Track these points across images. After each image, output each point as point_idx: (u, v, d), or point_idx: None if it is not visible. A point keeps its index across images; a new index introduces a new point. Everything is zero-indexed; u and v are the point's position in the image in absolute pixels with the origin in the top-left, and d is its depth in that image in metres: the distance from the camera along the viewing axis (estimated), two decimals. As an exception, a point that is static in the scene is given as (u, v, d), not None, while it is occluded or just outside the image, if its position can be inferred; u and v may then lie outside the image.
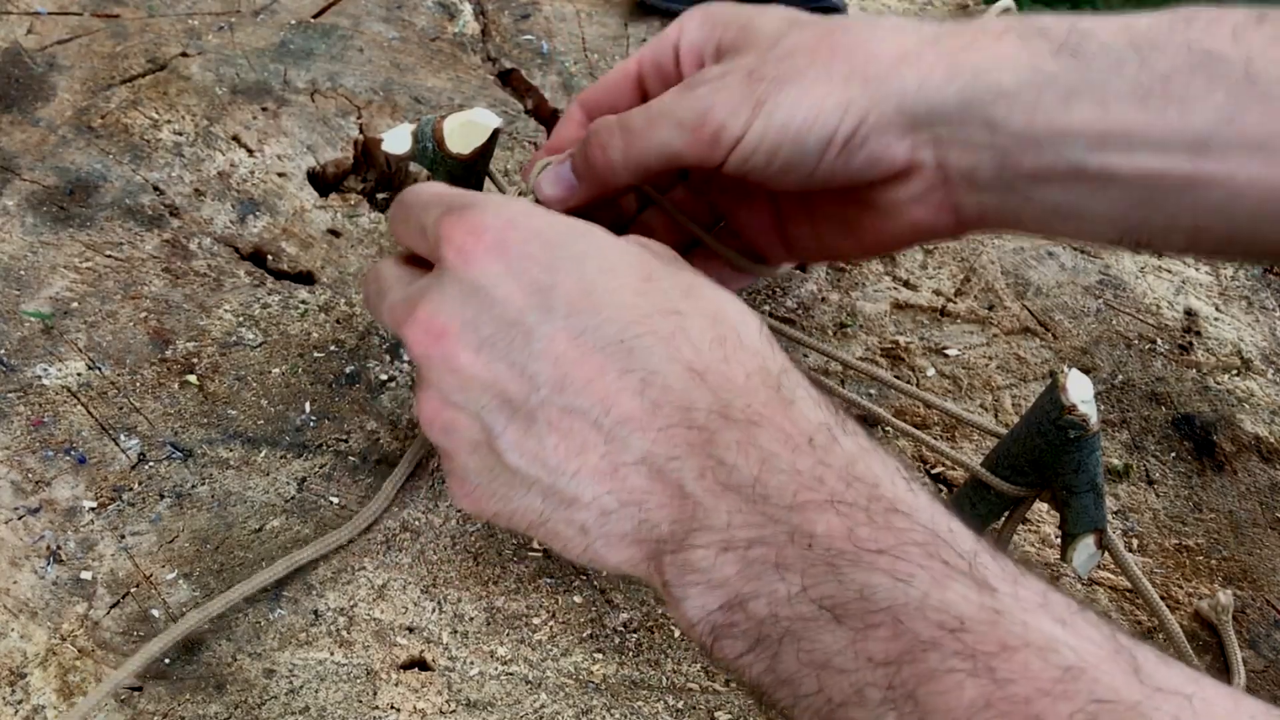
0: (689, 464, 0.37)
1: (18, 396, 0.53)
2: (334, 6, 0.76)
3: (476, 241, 0.40)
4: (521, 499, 0.41)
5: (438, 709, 0.46)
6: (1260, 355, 0.68)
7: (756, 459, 0.36)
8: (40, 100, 0.65)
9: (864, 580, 0.34)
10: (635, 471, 0.38)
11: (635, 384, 0.38)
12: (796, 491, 0.36)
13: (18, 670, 0.45)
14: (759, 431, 0.37)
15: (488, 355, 0.39)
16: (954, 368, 0.64)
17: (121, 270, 0.58)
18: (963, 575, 0.34)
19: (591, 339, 0.38)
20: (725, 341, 0.39)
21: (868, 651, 0.33)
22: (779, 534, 0.35)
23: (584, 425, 0.38)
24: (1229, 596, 0.55)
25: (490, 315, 0.39)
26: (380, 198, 0.67)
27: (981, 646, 0.32)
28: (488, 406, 0.40)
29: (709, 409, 0.37)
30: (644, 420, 0.38)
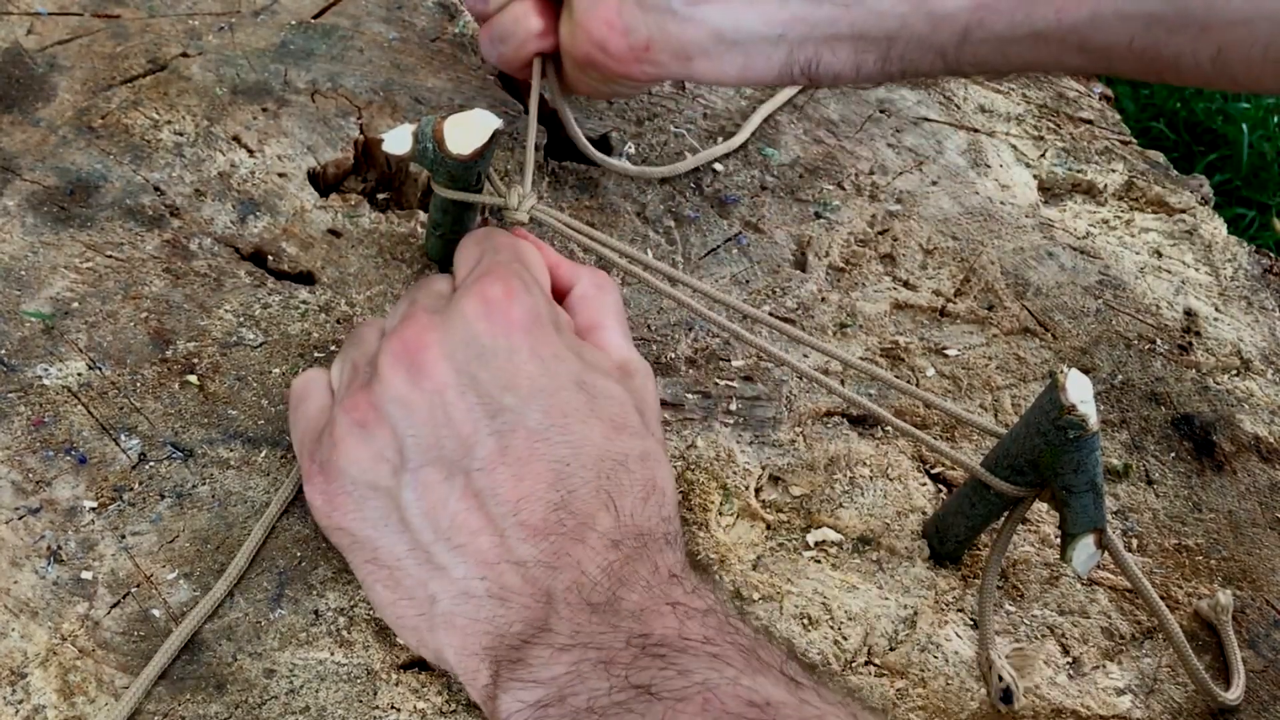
0: (562, 578, 0.40)
1: (18, 396, 0.53)
2: (334, 7, 0.76)
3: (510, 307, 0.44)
4: (386, 536, 0.42)
5: (438, 709, 0.46)
6: (1260, 355, 0.68)
7: (619, 579, 0.40)
8: (41, 100, 0.65)
9: (684, 663, 0.36)
10: (515, 572, 0.41)
11: (555, 499, 0.41)
12: (643, 602, 0.39)
13: (18, 670, 0.45)
14: (637, 560, 0.40)
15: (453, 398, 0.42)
16: (954, 368, 0.64)
17: (122, 270, 0.58)
18: (773, 670, 0.37)
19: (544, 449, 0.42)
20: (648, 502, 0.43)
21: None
22: (618, 638, 0.38)
23: (490, 514, 0.41)
24: (1228, 596, 0.55)
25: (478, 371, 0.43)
26: (380, 198, 0.67)
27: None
28: (418, 437, 0.42)
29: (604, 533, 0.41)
30: (543, 532, 0.41)
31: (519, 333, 0.43)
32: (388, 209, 0.66)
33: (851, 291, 0.66)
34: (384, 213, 0.65)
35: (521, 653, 0.39)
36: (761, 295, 0.65)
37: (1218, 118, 1.79)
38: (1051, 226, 0.73)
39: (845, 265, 0.68)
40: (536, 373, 0.43)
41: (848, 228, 0.70)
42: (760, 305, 0.64)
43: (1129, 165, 0.79)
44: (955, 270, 0.69)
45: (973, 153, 0.77)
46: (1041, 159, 0.79)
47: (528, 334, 0.43)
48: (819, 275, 0.67)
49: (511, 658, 0.39)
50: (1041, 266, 0.70)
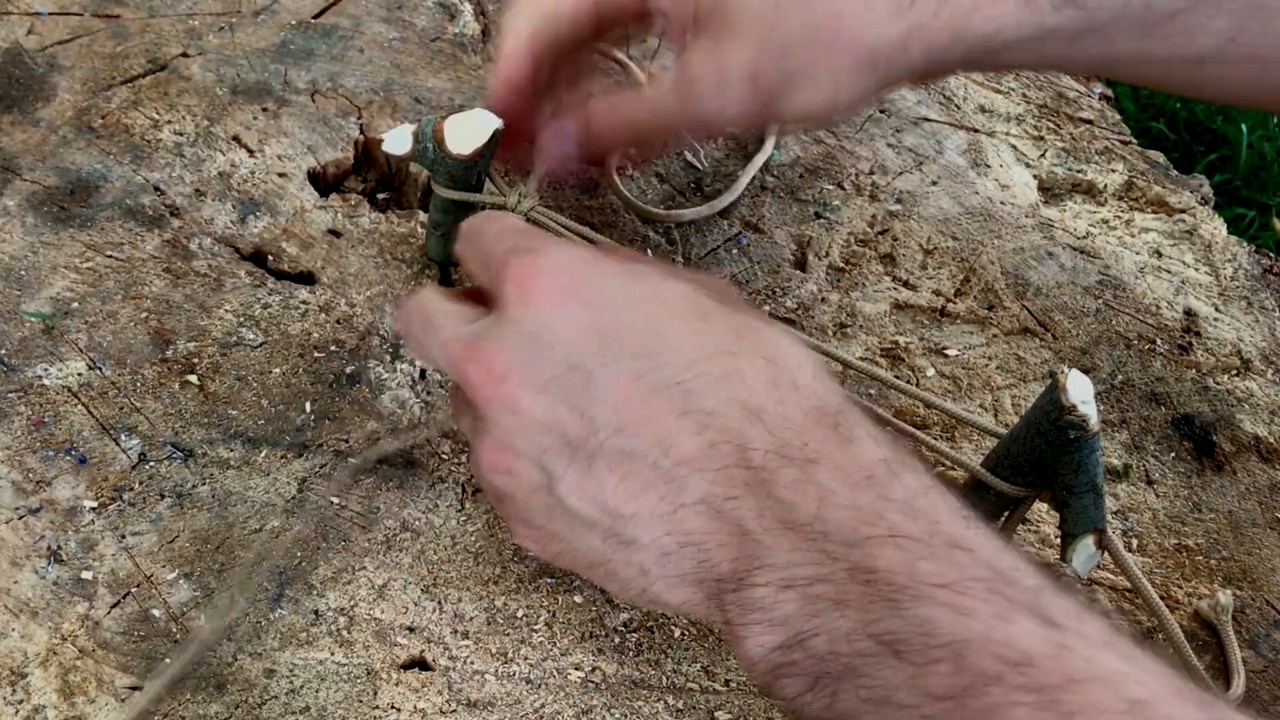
0: (747, 503, 0.37)
1: (18, 396, 0.53)
2: (334, 7, 0.76)
3: (538, 284, 0.40)
4: (583, 540, 0.40)
5: (438, 709, 0.46)
6: (1260, 355, 0.68)
7: (815, 496, 0.36)
8: (41, 100, 0.65)
9: (925, 615, 0.33)
10: (694, 512, 0.38)
11: (693, 425, 0.38)
12: (856, 527, 0.35)
13: (18, 670, 0.45)
14: (817, 469, 0.36)
15: (549, 398, 0.39)
16: (954, 368, 0.64)
17: (122, 270, 0.58)
18: (1026, 610, 0.33)
19: (650, 381, 0.38)
20: (780, 383, 0.39)
21: (928, 687, 0.33)
22: (839, 571, 0.35)
23: (643, 467, 0.38)
24: (1228, 596, 0.55)
25: (550, 358, 0.39)
26: (380, 198, 0.67)
27: (1047, 680, 0.32)
28: (549, 450, 0.40)
29: (766, 448, 0.37)
30: (702, 461, 0.38)
31: (555, 300, 0.40)
32: (388, 209, 0.66)
33: (851, 291, 0.66)
34: (384, 213, 0.65)
35: (744, 593, 0.37)
36: (761, 295, 0.65)
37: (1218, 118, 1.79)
38: (1051, 226, 0.73)
39: (845, 265, 0.68)
40: (592, 319, 0.40)
41: (848, 228, 0.70)
42: (760, 305, 0.64)
43: (1129, 165, 0.79)
44: (955, 270, 0.69)
45: (973, 153, 0.77)
46: (1041, 159, 0.79)
47: (563, 294, 0.40)
48: (819, 275, 0.67)
49: (738, 601, 0.37)
50: (1041, 266, 0.70)
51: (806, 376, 0.39)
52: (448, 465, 0.54)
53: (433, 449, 0.54)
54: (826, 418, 0.38)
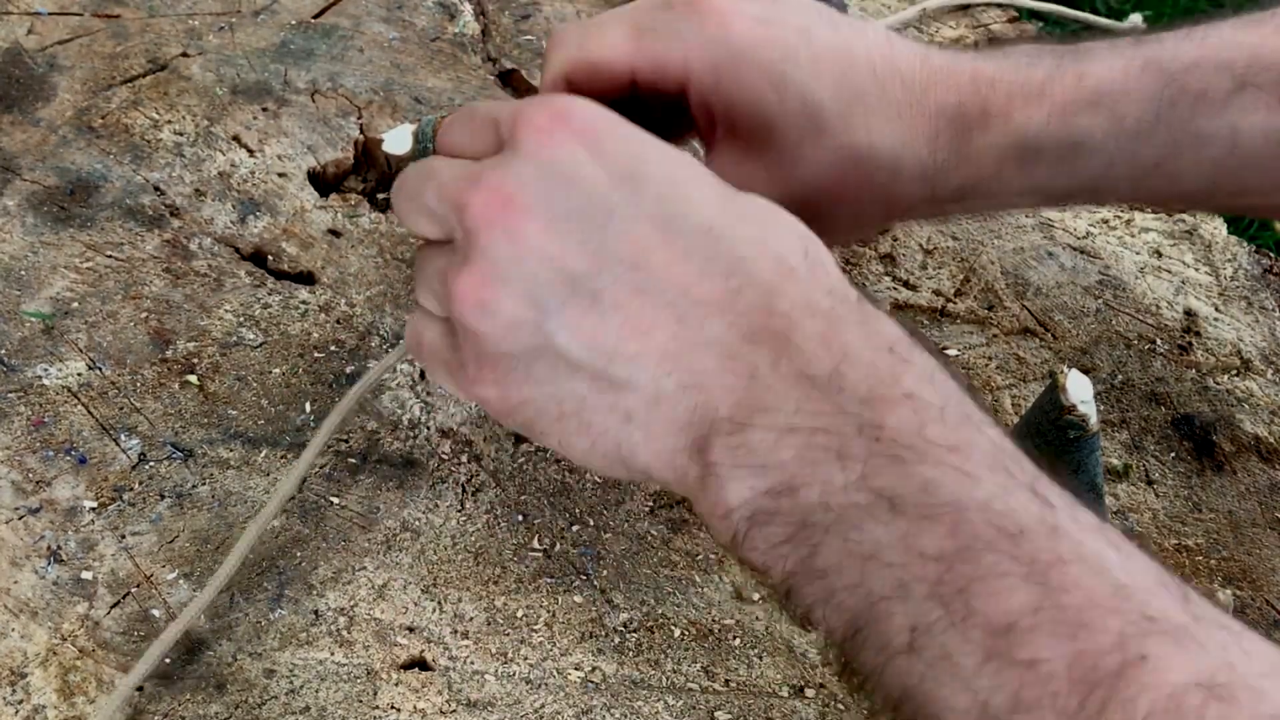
0: (764, 350, 0.37)
1: (18, 396, 0.53)
2: (334, 7, 0.76)
3: (563, 125, 0.38)
4: (560, 385, 0.39)
5: (438, 709, 0.46)
6: (1260, 355, 0.68)
7: (838, 351, 0.36)
8: (40, 100, 0.66)
9: (929, 474, 0.34)
10: (705, 353, 0.37)
11: (720, 269, 0.37)
12: (873, 386, 0.35)
13: (18, 670, 0.45)
14: (842, 328, 0.37)
15: (560, 230, 0.37)
16: (954, 368, 0.64)
17: (122, 270, 0.58)
18: (1025, 488, 0.34)
19: (679, 225, 0.37)
20: (810, 256, 0.39)
21: (920, 545, 0.33)
22: (847, 424, 0.35)
23: (656, 305, 0.37)
24: (1229, 596, 0.55)
25: (569, 192, 0.37)
26: (380, 198, 0.67)
27: (1038, 555, 0.32)
28: (546, 282, 0.37)
29: (794, 301, 0.37)
30: (724, 304, 0.37)
31: (590, 139, 0.38)
32: (388, 209, 0.66)
33: (851, 291, 0.66)
34: (384, 213, 0.65)
35: (740, 437, 0.36)
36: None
37: (1218, 117, 1.79)
38: (1051, 226, 0.73)
39: (845, 265, 0.68)
40: (625, 165, 0.38)
41: (848, 228, 0.70)
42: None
43: (1129, 165, 0.79)
44: (955, 270, 0.69)
45: (973, 153, 0.77)
46: (1041, 159, 0.79)
47: (586, 134, 0.38)
48: (819, 275, 0.67)
49: (730, 444, 0.36)
50: (1041, 266, 0.70)
51: (829, 259, 0.39)
52: (448, 465, 0.54)
53: (432, 449, 0.54)
54: (849, 296, 0.38)
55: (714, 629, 0.50)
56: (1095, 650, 0.30)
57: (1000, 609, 0.32)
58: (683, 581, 0.51)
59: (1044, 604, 0.31)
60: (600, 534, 0.53)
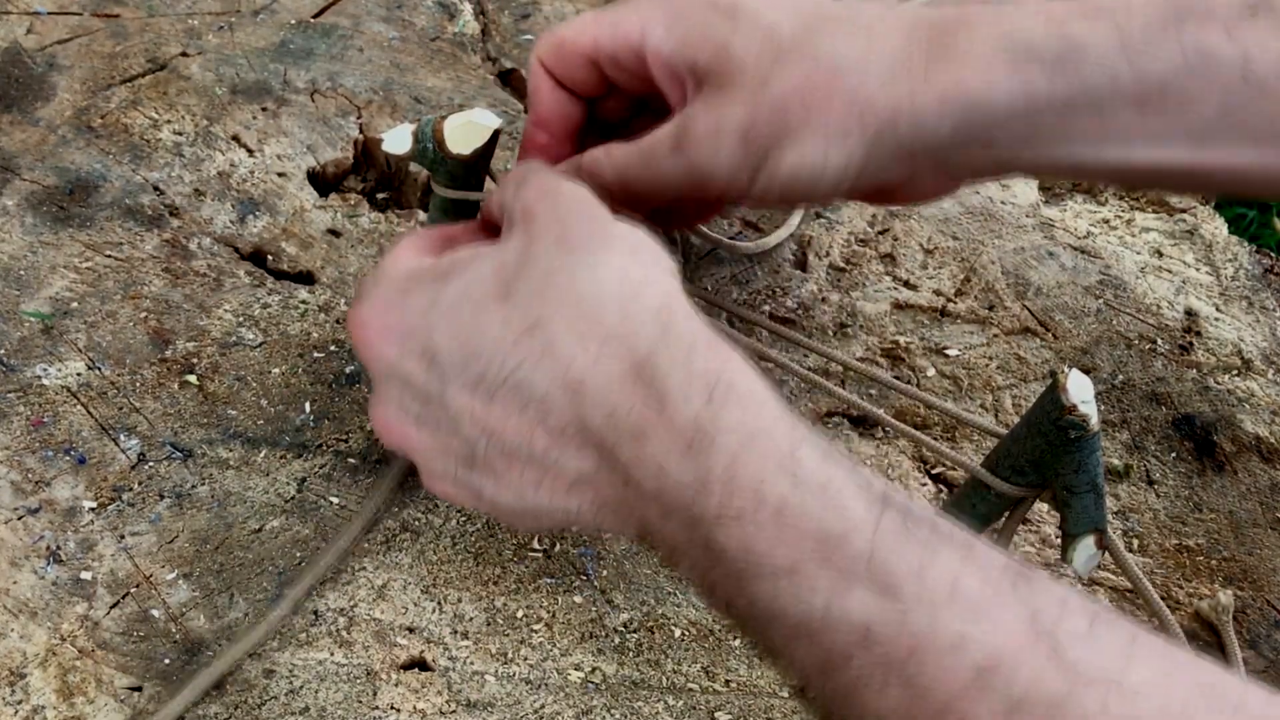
0: (611, 477, 0.38)
1: (18, 396, 0.53)
2: (334, 6, 0.76)
3: (365, 337, 0.42)
4: (546, 517, 0.42)
5: (438, 709, 0.46)
6: (1260, 355, 0.68)
7: (652, 473, 0.36)
8: (40, 100, 0.65)
9: (771, 597, 0.34)
10: (581, 487, 0.39)
11: (535, 415, 0.39)
12: (691, 503, 0.36)
13: (17, 670, 0.45)
14: (647, 444, 0.37)
15: (429, 430, 0.41)
16: (954, 368, 0.64)
17: (121, 270, 0.58)
18: (860, 580, 0.33)
19: (485, 387, 0.39)
20: (589, 336, 0.38)
21: (800, 660, 0.34)
22: (695, 545, 0.36)
23: (524, 462, 0.40)
24: (1229, 597, 0.55)
25: (409, 395, 0.41)
26: (380, 198, 0.67)
27: (892, 654, 0.32)
28: (459, 471, 0.42)
29: (600, 421, 0.37)
30: (561, 444, 0.39)
31: (382, 342, 0.42)
32: (388, 209, 0.66)
33: (852, 291, 0.66)
34: (384, 213, 0.65)
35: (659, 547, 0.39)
36: (762, 295, 0.65)
37: (1218, 117, 1.79)
38: (1052, 226, 0.73)
39: (845, 265, 0.68)
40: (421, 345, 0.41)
41: (848, 227, 0.70)
42: (760, 305, 0.64)
43: (1129, 165, 0.79)
44: (956, 270, 0.69)
45: (973, 152, 0.77)
46: (1042, 159, 0.78)
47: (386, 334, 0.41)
48: (819, 275, 0.67)
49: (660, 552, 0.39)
50: (1042, 266, 0.70)
51: (613, 317, 0.38)
52: (447, 465, 0.54)
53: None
54: (641, 373, 0.37)
55: (714, 629, 0.50)
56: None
57: (878, 713, 0.32)
58: (683, 582, 0.51)
59: (913, 705, 0.31)
60: (600, 534, 0.53)
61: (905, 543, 0.33)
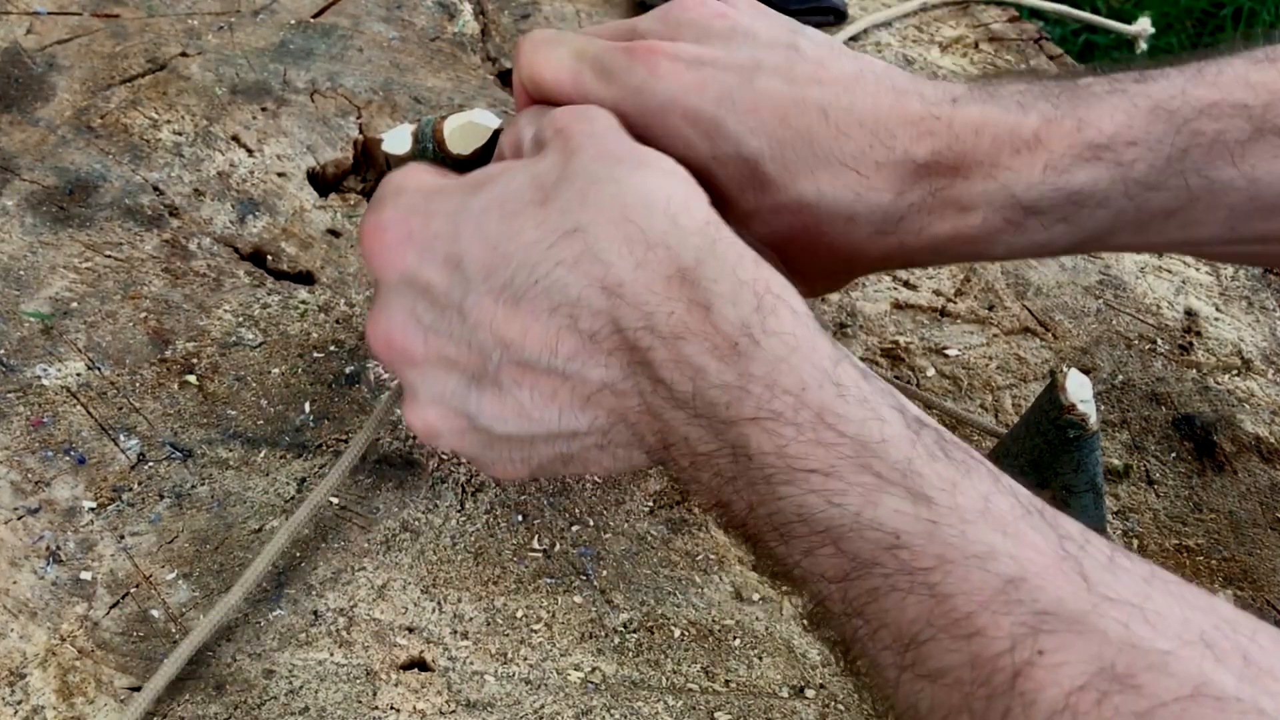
0: (640, 383, 0.38)
1: (17, 396, 0.53)
2: (334, 6, 0.76)
3: (383, 242, 0.41)
4: (537, 451, 0.41)
5: (438, 709, 0.46)
6: (1260, 355, 0.68)
7: (689, 375, 0.36)
8: (40, 100, 0.65)
9: (799, 501, 0.34)
10: (603, 396, 0.39)
11: (565, 320, 0.38)
12: (729, 405, 0.35)
13: (17, 670, 0.45)
14: (685, 345, 0.36)
15: (436, 341, 0.40)
16: (954, 368, 0.64)
17: (121, 270, 0.58)
18: (895, 487, 0.33)
19: (511, 291, 0.39)
20: (633, 242, 0.37)
21: (819, 568, 0.34)
22: (725, 449, 0.36)
23: (543, 372, 0.39)
24: (1229, 597, 0.55)
25: (423, 304, 0.40)
26: (380, 198, 0.67)
27: (918, 562, 0.31)
28: (455, 392, 0.41)
29: (637, 325, 0.37)
30: (589, 350, 0.38)
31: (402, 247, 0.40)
32: (387, 209, 0.66)
33: (851, 291, 0.66)
34: (384, 212, 0.65)
35: (675, 463, 0.38)
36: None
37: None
38: (1052, 226, 0.73)
39: (845, 265, 0.68)
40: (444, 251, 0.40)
41: (848, 227, 0.70)
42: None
43: (1129, 165, 0.79)
44: (955, 270, 0.69)
45: (973, 152, 0.77)
46: (1042, 159, 0.79)
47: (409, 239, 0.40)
48: (819, 275, 0.67)
49: (673, 469, 0.39)
50: (1042, 266, 0.70)
51: (658, 226, 0.38)
52: (448, 465, 0.54)
53: (431, 449, 0.54)
54: (686, 278, 0.37)
55: (714, 629, 0.50)
56: (991, 655, 0.30)
57: (898, 623, 0.31)
58: (683, 582, 0.51)
59: (935, 614, 0.31)
60: (600, 534, 0.53)
61: (940, 460, 0.34)
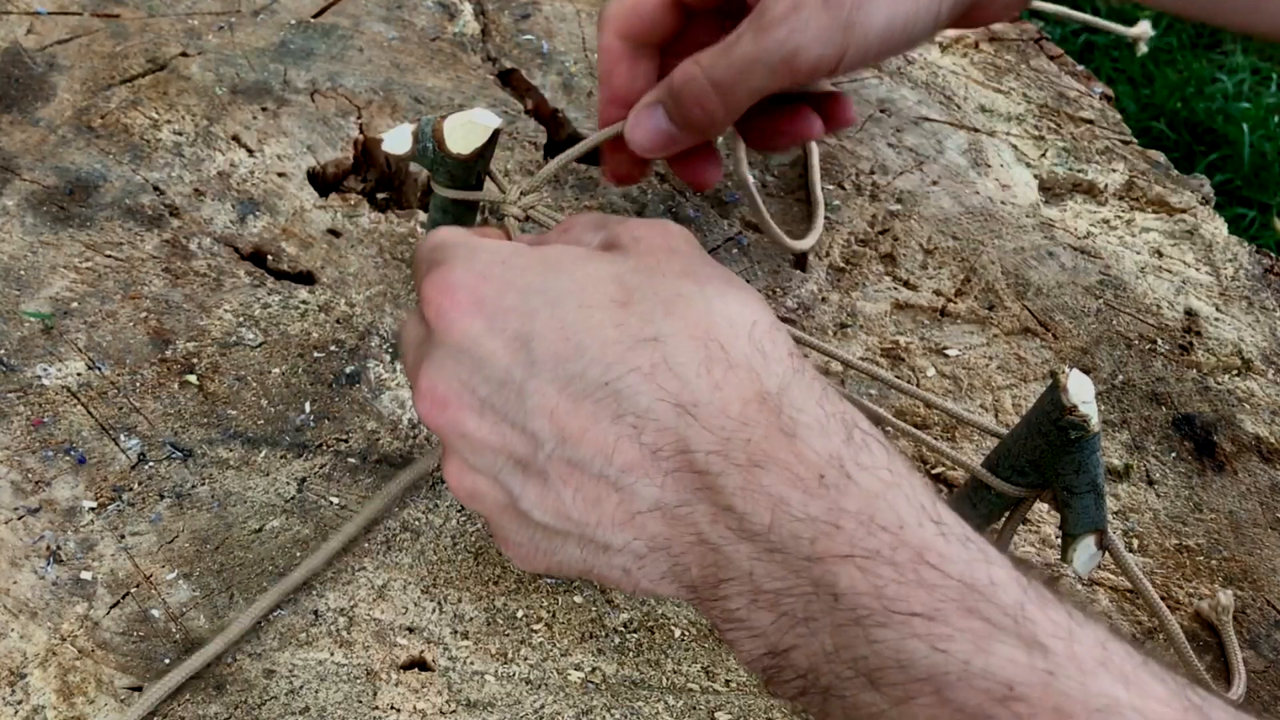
0: (700, 510, 0.35)
1: (18, 396, 0.53)
2: (334, 6, 0.76)
3: (452, 303, 0.39)
4: (563, 551, 0.39)
5: (438, 709, 0.46)
6: (1260, 355, 0.68)
7: (766, 505, 0.34)
8: (40, 100, 0.65)
9: (897, 645, 0.31)
10: (651, 519, 0.37)
11: (629, 430, 0.36)
12: (814, 540, 0.33)
13: (17, 670, 0.45)
14: (763, 474, 0.34)
15: (491, 418, 0.38)
16: (954, 368, 0.64)
17: (121, 270, 0.58)
18: (1008, 634, 0.31)
19: (579, 386, 0.37)
20: (713, 363, 0.36)
21: (912, 717, 0.31)
22: (803, 586, 0.33)
23: (592, 477, 0.37)
24: (1229, 597, 0.55)
25: (481, 376, 0.38)
26: (380, 198, 0.67)
27: (1035, 714, 0.29)
28: (503, 469, 0.39)
29: (708, 449, 0.35)
30: (647, 467, 0.36)
31: (470, 315, 0.39)
32: (388, 209, 0.66)
33: (852, 291, 0.66)
34: (384, 213, 0.65)
35: (721, 605, 0.35)
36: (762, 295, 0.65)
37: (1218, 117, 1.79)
38: (1052, 226, 0.73)
39: (845, 265, 0.68)
40: (514, 328, 0.38)
41: (848, 228, 0.70)
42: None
43: (1130, 165, 0.79)
44: (956, 270, 0.69)
45: (973, 152, 0.77)
46: (1042, 159, 0.79)
47: (478, 307, 0.39)
48: (819, 275, 0.67)
49: (717, 610, 0.36)
50: (1042, 266, 0.70)
51: (742, 349, 0.36)
52: (447, 465, 0.54)
53: (432, 449, 0.54)
54: (768, 404, 0.35)
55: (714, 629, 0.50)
56: None
57: None
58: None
59: None
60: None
61: (1052, 606, 0.32)
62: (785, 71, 0.46)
